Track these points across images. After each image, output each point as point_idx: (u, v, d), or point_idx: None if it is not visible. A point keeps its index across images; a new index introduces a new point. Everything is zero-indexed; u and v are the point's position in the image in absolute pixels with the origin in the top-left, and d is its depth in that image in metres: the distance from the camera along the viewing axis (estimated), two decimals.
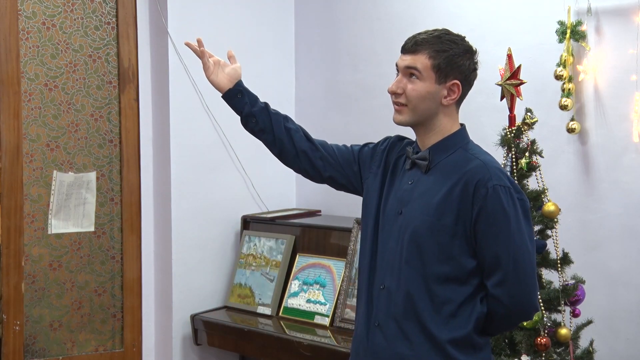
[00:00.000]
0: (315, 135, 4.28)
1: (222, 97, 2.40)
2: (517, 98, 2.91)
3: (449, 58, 2.07)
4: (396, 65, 2.14)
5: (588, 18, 3.23)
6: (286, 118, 2.39)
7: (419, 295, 2.05)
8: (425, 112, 2.09)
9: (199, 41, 2.42)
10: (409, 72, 2.08)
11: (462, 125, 2.18)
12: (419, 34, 2.11)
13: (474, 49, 2.15)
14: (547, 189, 2.94)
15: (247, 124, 2.38)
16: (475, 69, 2.14)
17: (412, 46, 2.08)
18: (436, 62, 2.06)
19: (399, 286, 2.08)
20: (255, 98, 2.39)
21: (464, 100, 3.64)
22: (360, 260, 2.24)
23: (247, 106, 2.35)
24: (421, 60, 2.06)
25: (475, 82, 3.56)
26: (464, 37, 2.15)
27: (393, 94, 2.11)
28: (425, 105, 2.08)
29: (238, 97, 2.36)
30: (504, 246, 2.01)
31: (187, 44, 2.44)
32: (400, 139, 2.29)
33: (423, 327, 2.04)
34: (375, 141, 2.36)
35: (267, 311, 3.78)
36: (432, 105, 2.09)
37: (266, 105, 2.38)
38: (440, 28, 2.15)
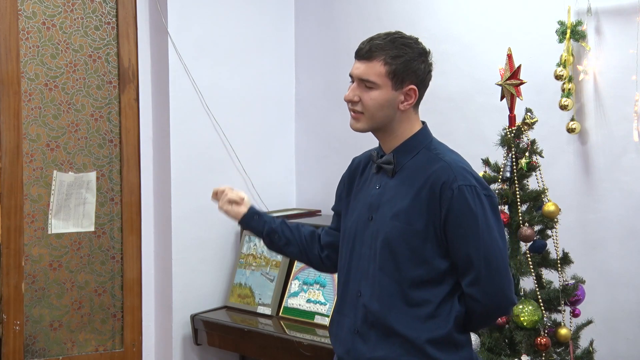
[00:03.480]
0: (315, 135, 4.31)
1: (239, 222, 2.39)
2: (517, 98, 2.91)
3: (404, 63, 2.04)
4: (350, 74, 2.11)
5: (588, 18, 3.22)
6: (298, 226, 2.40)
7: (394, 300, 2.05)
8: (383, 120, 2.08)
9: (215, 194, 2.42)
10: (363, 83, 2.06)
11: (423, 123, 2.16)
12: (372, 38, 2.08)
13: (427, 49, 2.12)
14: (547, 189, 2.94)
15: (271, 242, 2.37)
16: (430, 71, 2.11)
17: (366, 53, 2.05)
18: (391, 68, 2.03)
19: (373, 292, 2.07)
20: (272, 216, 2.40)
21: (463, 100, 3.66)
22: (338, 268, 2.25)
23: (266, 224, 2.36)
24: (375, 68, 2.04)
25: (475, 82, 3.60)
26: (417, 38, 2.12)
27: (349, 102, 2.09)
28: (383, 113, 2.07)
29: (255, 219, 2.37)
30: (474, 246, 2.00)
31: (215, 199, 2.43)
32: (355, 159, 2.30)
33: (401, 330, 2.04)
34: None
35: (267, 311, 3.78)
36: (390, 112, 2.07)
37: (283, 219, 2.40)
38: (393, 31, 2.11)
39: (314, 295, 3.66)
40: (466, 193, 2.00)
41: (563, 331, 2.85)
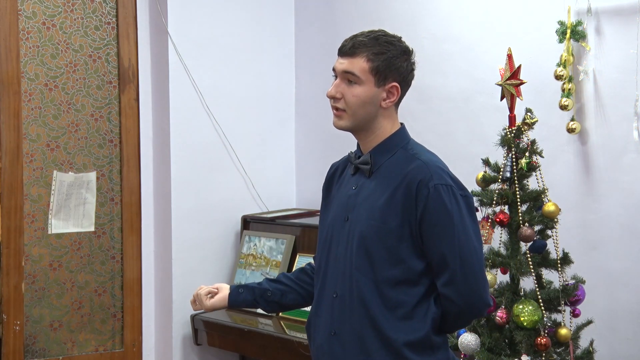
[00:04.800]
0: (315, 135, 4.30)
1: (229, 306, 2.31)
2: (517, 98, 2.91)
3: (387, 60, 2.04)
4: (333, 69, 2.11)
5: (588, 18, 3.22)
6: (284, 274, 2.36)
7: (372, 300, 2.03)
8: (365, 117, 2.08)
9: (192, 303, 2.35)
10: (347, 78, 2.07)
11: (401, 124, 2.16)
12: (356, 35, 2.09)
13: (411, 49, 2.12)
14: (547, 189, 2.94)
15: (268, 302, 2.29)
16: (412, 70, 2.12)
17: (349, 49, 2.06)
18: (374, 64, 2.04)
19: (351, 293, 2.06)
20: (255, 282, 2.34)
21: (463, 100, 3.66)
22: (315, 270, 2.24)
23: (255, 289, 2.29)
24: (359, 64, 2.04)
25: (475, 82, 3.60)
26: (400, 37, 2.12)
27: (332, 98, 2.09)
28: (365, 110, 2.06)
29: (241, 292, 2.29)
30: (449, 245, 1.99)
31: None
32: (333, 164, 2.31)
33: (379, 332, 2.03)
34: None
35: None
36: (372, 110, 2.07)
37: (266, 278, 2.34)
38: (376, 29, 2.13)
39: None
40: (442, 192, 2.00)
41: (563, 331, 2.85)
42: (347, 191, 2.14)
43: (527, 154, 2.89)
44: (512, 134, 2.91)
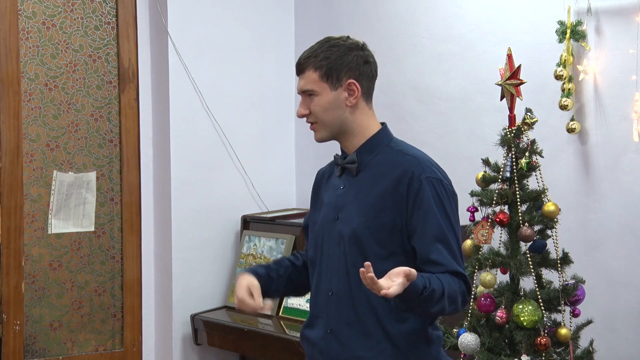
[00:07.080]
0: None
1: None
2: (517, 98, 2.91)
3: (332, 62, 2.10)
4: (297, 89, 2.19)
5: (588, 18, 3.23)
6: (285, 266, 2.32)
7: (367, 296, 2.04)
8: (336, 121, 2.12)
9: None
10: (307, 93, 2.13)
11: (382, 124, 2.20)
12: (303, 52, 2.16)
13: (360, 43, 2.15)
14: (547, 189, 2.94)
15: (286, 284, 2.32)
16: (367, 61, 2.14)
17: (299, 67, 2.15)
18: (322, 71, 2.10)
19: (349, 290, 2.08)
20: (266, 266, 2.32)
21: (463, 100, 3.65)
22: (310, 273, 2.26)
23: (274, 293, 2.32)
24: (309, 77, 2.11)
25: (475, 82, 3.60)
26: (348, 36, 2.17)
27: (301, 117, 2.16)
28: (332, 115, 2.11)
29: (271, 282, 2.29)
30: (434, 231, 2.01)
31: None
32: (320, 170, 2.33)
33: (381, 324, 2.05)
34: None
35: (267, 311, 3.78)
36: (340, 112, 2.11)
37: (271, 273, 2.31)
38: (323, 38, 2.17)
39: None
40: (434, 185, 2.04)
41: (563, 331, 2.85)
42: (335, 191, 2.18)
43: (527, 153, 2.89)
44: (512, 134, 2.91)
